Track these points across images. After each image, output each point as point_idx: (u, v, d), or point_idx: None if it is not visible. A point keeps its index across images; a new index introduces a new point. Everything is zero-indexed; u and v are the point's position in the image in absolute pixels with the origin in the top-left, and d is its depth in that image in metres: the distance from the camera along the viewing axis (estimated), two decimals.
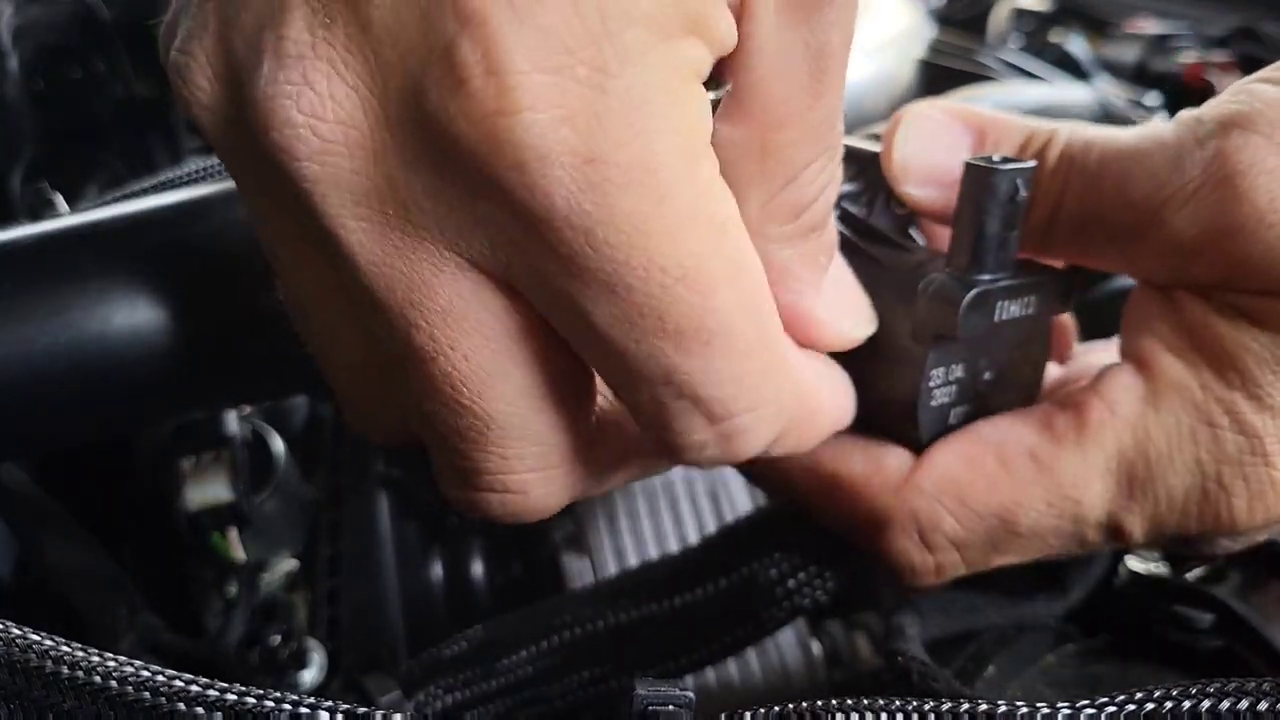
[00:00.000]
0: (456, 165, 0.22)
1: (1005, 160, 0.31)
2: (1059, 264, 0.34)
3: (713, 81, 0.25)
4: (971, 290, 0.31)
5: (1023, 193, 0.31)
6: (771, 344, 0.26)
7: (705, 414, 0.25)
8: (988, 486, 0.32)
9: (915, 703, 0.24)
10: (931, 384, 0.32)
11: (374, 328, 0.26)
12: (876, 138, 0.35)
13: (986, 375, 0.34)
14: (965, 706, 0.24)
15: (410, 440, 0.29)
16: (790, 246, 0.28)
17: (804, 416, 0.28)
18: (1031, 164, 0.31)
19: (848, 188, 0.35)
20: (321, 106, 0.22)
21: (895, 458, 0.33)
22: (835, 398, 0.31)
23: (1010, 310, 0.32)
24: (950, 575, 0.33)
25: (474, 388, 0.25)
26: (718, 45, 0.24)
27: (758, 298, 0.25)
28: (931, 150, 0.34)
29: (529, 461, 0.27)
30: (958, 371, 0.33)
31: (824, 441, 0.33)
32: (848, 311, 0.31)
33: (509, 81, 0.21)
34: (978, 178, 0.31)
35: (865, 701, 0.25)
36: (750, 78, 0.25)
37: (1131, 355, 0.33)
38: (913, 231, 0.37)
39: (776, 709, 0.25)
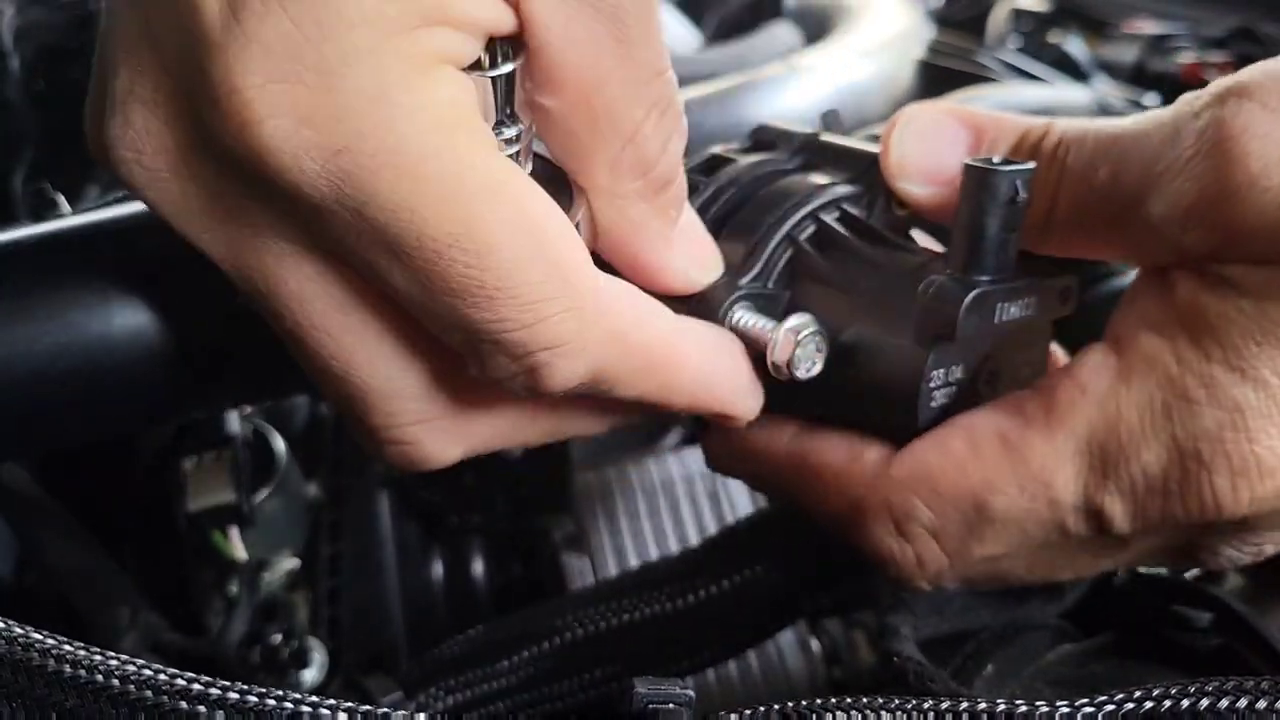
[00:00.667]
0: (241, 172, 0.25)
1: (1005, 162, 0.31)
2: (1059, 256, 0.34)
3: (510, 52, 0.27)
4: (971, 292, 0.31)
5: (1022, 194, 0.31)
6: (569, 290, 0.27)
7: (506, 354, 0.27)
8: (958, 472, 0.31)
9: (914, 701, 0.24)
10: (931, 385, 0.32)
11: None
12: (876, 138, 0.35)
13: (986, 376, 0.34)
14: (965, 705, 0.24)
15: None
16: (642, 202, 0.30)
17: (635, 364, 0.30)
18: (1030, 165, 0.31)
19: (848, 189, 0.35)
20: (141, 141, 0.26)
21: (875, 450, 0.33)
22: (705, 355, 0.32)
23: (1010, 312, 0.32)
24: (935, 569, 0.33)
25: (342, 358, 0.29)
26: (474, 26, 0.25)
27: (546, 249, 0.26)
28: (929, 149, 0.34)
29: (410, 416, 0.30)
30: (957, 373, 0.33)
31: (810, 433, 0.34)
32: (695, 260, 0.33)
33: (247, 96, 0.24)
34: (977, 179, 0.31)
35: (865, 700, 0.25)
36: (547, 50, 0.26)
37: (1110, 336, 0.32)
38: (914, 233, 0.37)
39: (777, 707, 0.25)
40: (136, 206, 0.39)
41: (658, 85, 0.28)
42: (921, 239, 0.37)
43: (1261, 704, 0.24)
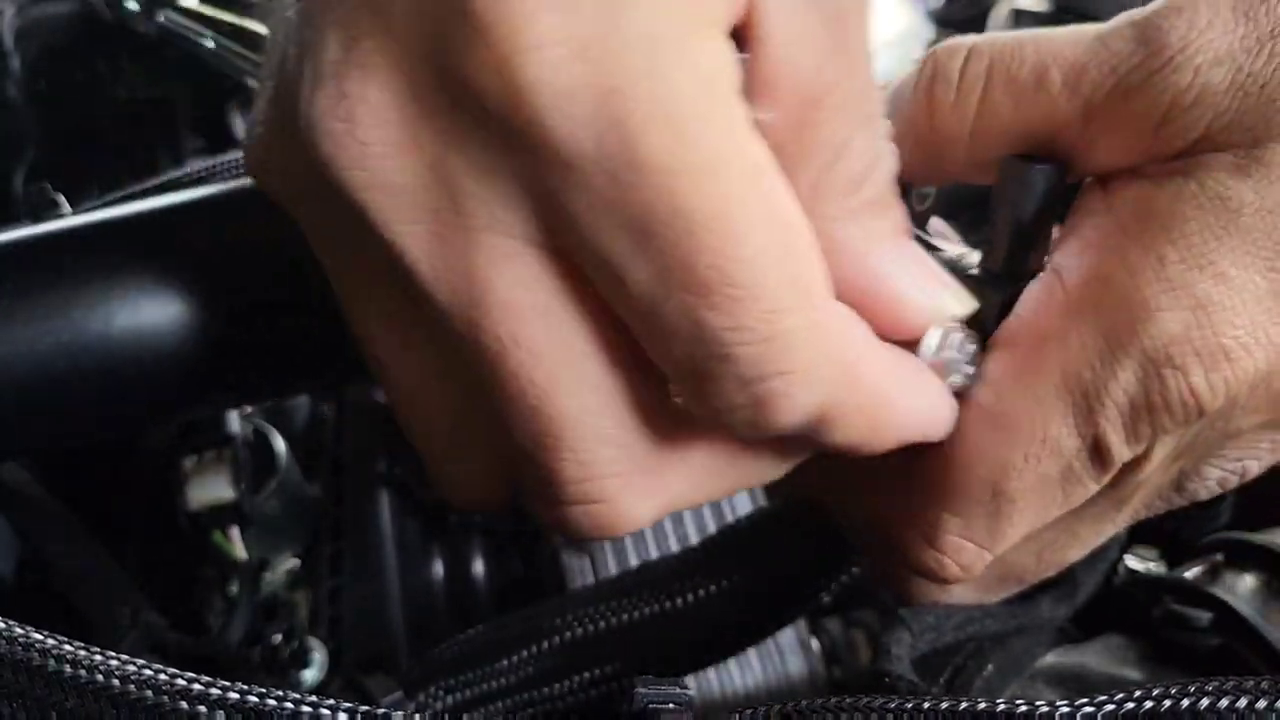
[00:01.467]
0: (486, 123, 0.23)
1: (1039, 158, 0.30)
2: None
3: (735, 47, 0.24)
4: (1006, 290, 0.30)
5: (1059, 186, 0.30)
6: (811, 306, 0.25)
7: (736, 375, 0.24)
8: (965, 470, 0.30)
9: (914, 701, 0.25)
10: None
11: (448, 358, 0.26)
12: None
13: None
14: (964, 705, 0.24)
15: (503, 498, 0.30)
16: (851, 222, 0.27)
17: (858, 401, 0.26)
18: (1063, 163, 0.30)
19: None
20: (358, 111, 0.23)
21: (892, 470, 0.31)
22: (914, 398, 0.28)
23: None
24: (978, 567, 0.31)
25: (541, 384, 0.25)
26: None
27: (795, 253, 0.24)
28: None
29: (608, 466, 0.26)
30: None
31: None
32: (929, 288, 0.28)
33: (517, 23, 0.21)
34: (1015, 173, 0.30)
35: (864, 700, 0.25)
36: (772, 48, 0.24)
37: (1052, 269, 0.30)
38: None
39: (777, 707, 0.25)
40: (138, 206, 0.40)
41: (872, 104, 0.26)
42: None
43: (1261, 704, 0.24)
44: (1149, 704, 0.24)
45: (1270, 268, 0.27)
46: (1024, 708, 0.24)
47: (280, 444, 0.56)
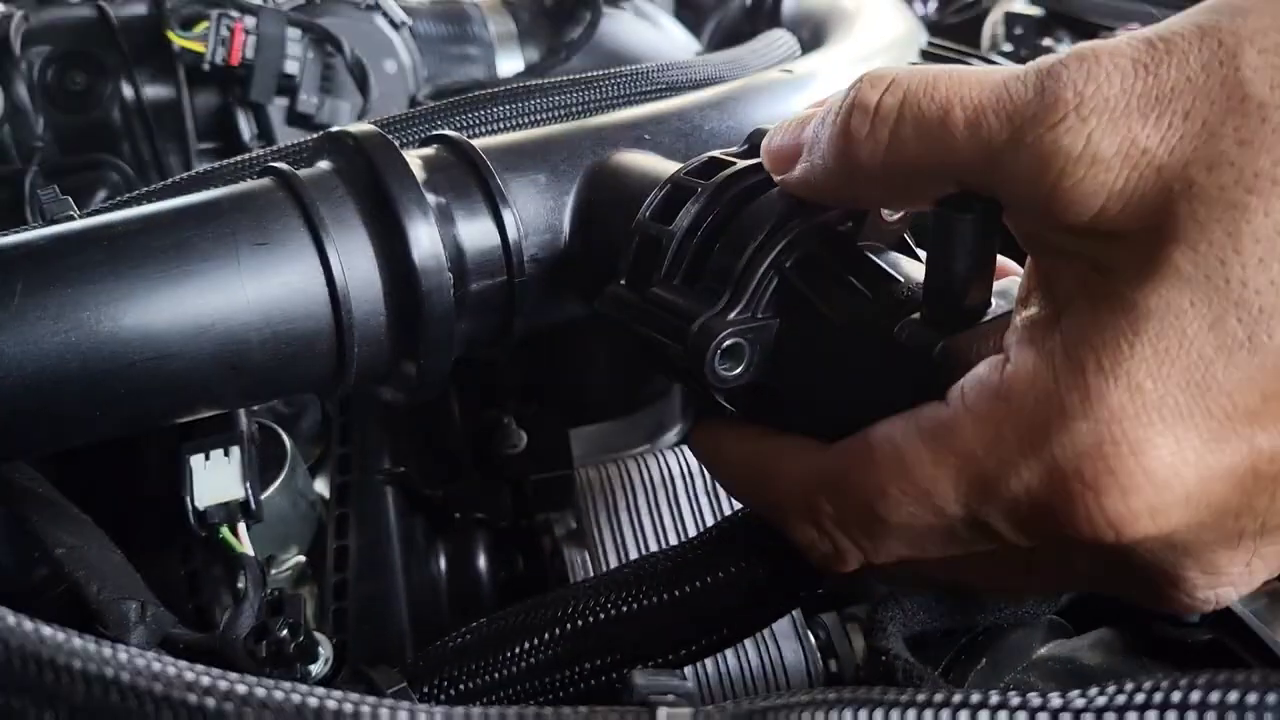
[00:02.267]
0: None
1: (968, 204, 0.29)
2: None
3: None
4: (940, 342, 0.30)
5: (988, 231, 0.29)
6: None
7: None
8: (856, 474, 0.30)
9: (907, 694, 0.25)
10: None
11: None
12: None
13: None
14: (958, 696, 0.24)
15: None
16: None
17: None
18: (996, 202, 0.29)
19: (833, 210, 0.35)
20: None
21: (808, 453, 0.33)
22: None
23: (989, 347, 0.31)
24: (854, 561, 0.32)
25: None
26: None
27: None
28: (790, 133, 0.34)
29: None
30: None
31: (769, 438, 0.35)
32: None
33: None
34: (942, 222, 0.29)
35: (860, 692, 0.25)
36: None
37: (1004, 347, 0.29)
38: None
39: (772, 699, 0.25)
40: (146, 208, 0.40)
41: None
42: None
43: (1252, 697, 0.24)
44: (1140, 696, 0.24)
45: (1190, 381, 0.24)
46: (1016, 698, 0.24)
47: (288, 442, 0.57)
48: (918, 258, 0.37)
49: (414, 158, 0.43)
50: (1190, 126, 0.24)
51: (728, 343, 0.33)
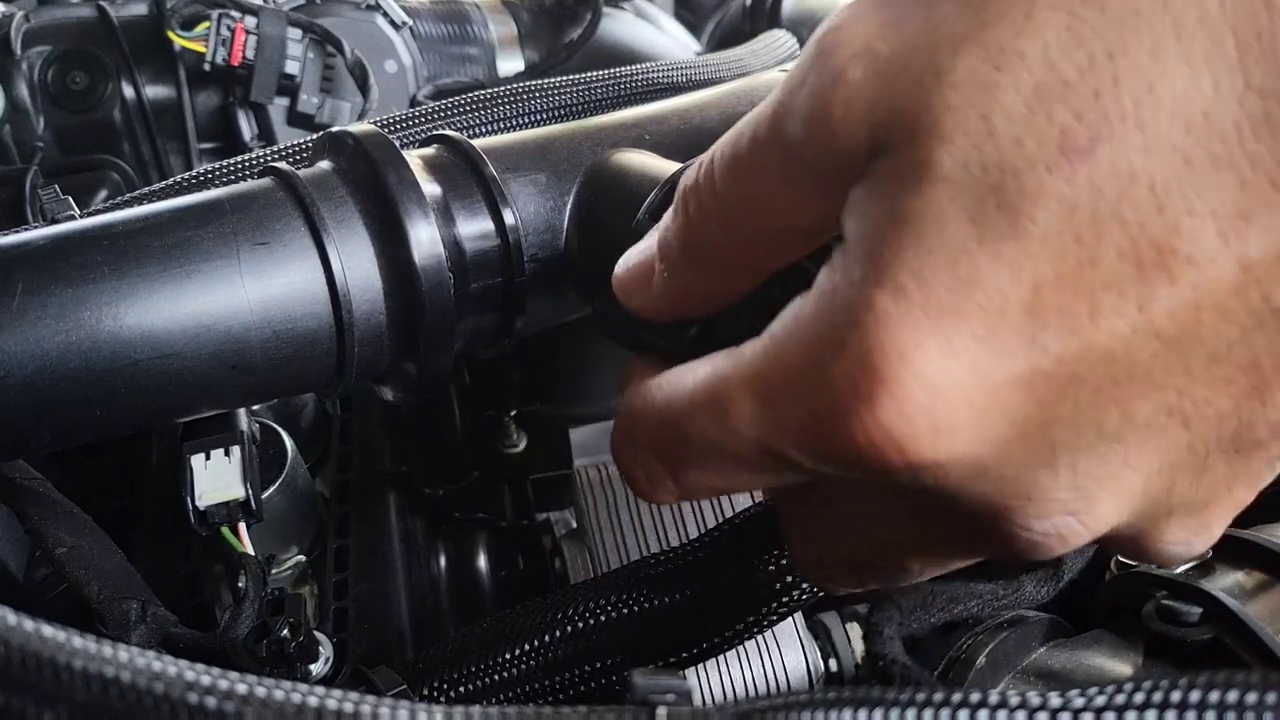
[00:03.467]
0: None
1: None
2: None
3: None
4: None
5: None
6: None
7: None
8: (667, 390, 0.29)
9: (906, 694, 0.25)
10: None
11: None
12: None
13: None
14: (956, 696, 0.24)
15: None
16: None
17: None
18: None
19: None
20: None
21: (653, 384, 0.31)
22: None
23: None
24: (666, 492, 0.30)
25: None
26: None
27: None
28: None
29: None
30: None
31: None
32: None
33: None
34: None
35: (859, 693, 0.25)
36: None
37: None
38: None
39: (772, 699, 0.25)
40: (148, 208, 0.40)
41: None
42: None
43: (1251, 696, 0.24)
44: (1140, 696, 0.24)
45: (955, 279, 0.23)
46: (1014, 698, 0.24)
47: (288, 441, 0.57)
48: None
49: (414, 158, 0.43)
50: (927, 14, 0.24)
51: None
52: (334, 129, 0.44)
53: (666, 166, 0.44)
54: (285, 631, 0.43)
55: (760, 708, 0.25)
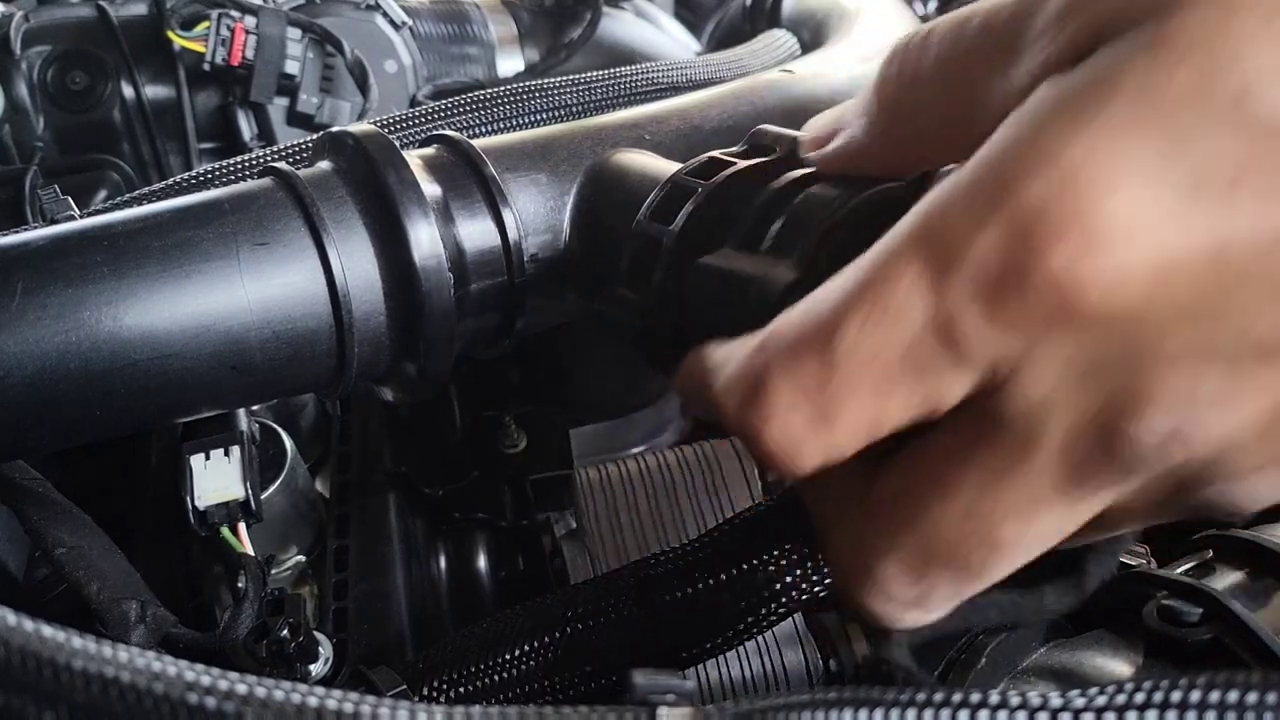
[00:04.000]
0: None
1: None
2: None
3: None
4: None
5: None
6: None
7: None
8: (803, 313, 0.26)
9: (907, 694, 0.25)
10: None
11: None
12: None
13: None
14: (957, 696, 0.25)
15: None
16: None
17: None
18: None
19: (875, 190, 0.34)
20: None
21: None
22: None
23: None
24: (814, 447, 0.26)
25: None
26: None
27: None
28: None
29: None
30: None
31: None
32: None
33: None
34: None
35: (860, 693, 0.25)
36: None
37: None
38: None
39: (773, 699, 0.25)
40: (147, 208, 0.40)
41: None
42: None
43: (1252, 696, 0.24)
44: (1140, 696, 0.24)
45: (1165, 138, 0.23)
46: (1015, 699, 0.24)
47: (288, 442, 0.57)
48: None
49: (414, 158, 0.43)
50: None
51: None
52: (334, 129, 0.44)
53: (666, 166, 0.44)
54: (285, 632, 0.43)
55: (760, 708, 0.25)
